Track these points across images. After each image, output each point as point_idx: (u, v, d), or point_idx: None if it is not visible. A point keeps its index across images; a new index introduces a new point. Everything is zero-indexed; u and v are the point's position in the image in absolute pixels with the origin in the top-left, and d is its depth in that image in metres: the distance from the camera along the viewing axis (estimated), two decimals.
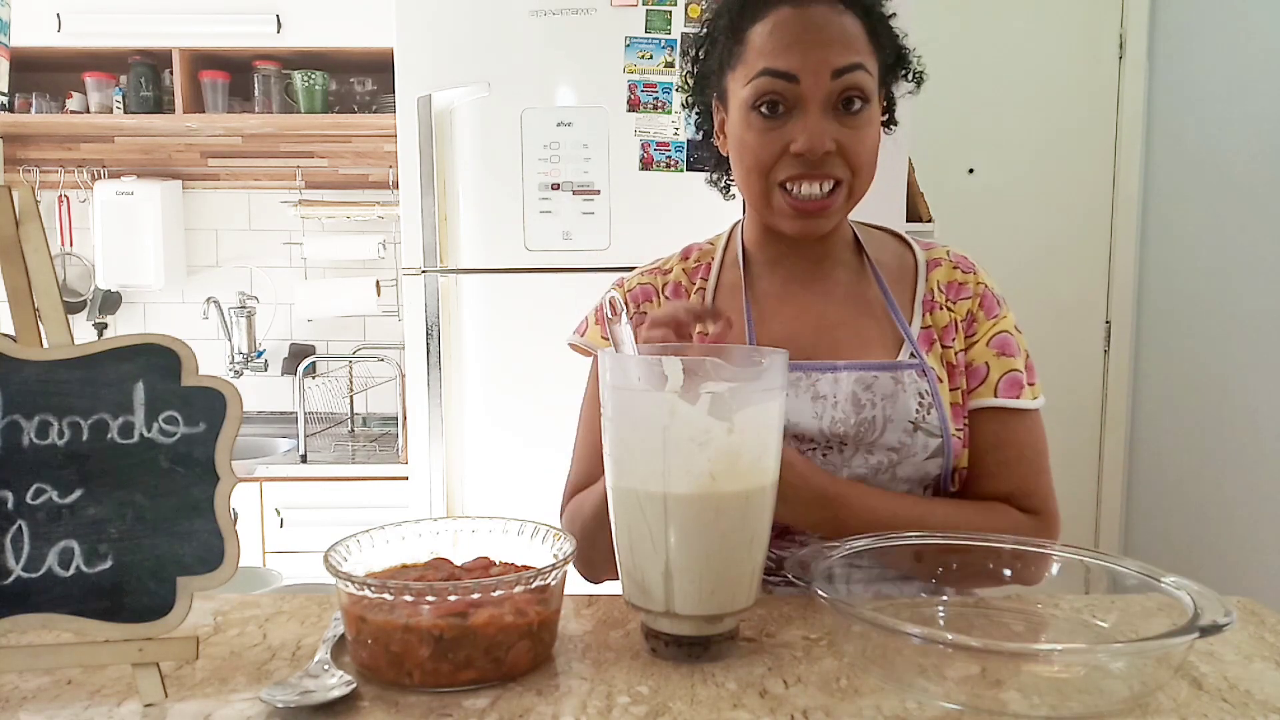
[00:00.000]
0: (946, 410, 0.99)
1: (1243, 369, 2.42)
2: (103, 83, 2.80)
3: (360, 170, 3.05)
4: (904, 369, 0.99)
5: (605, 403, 0.77)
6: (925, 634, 0.66)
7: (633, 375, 0.76)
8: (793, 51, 0.93)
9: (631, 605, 0.77)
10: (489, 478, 2.26)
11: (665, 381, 0.72)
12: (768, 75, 0.93)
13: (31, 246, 0.67)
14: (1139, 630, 0.75)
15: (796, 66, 0.93)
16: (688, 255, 1.13)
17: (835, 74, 0.93)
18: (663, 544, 0.73)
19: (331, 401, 3.06)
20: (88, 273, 3.05)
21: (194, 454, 0.68)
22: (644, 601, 0.75)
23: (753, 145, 0.96)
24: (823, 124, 0.93)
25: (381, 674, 0.69)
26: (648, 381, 0.74)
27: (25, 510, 0.66)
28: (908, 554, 0.92)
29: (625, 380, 0.76)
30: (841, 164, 0.95)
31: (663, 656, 0.75)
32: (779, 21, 0.94)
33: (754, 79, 0.94)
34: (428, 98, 2.18)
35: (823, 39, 0.93)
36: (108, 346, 0.68)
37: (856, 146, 0.95)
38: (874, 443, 0.97)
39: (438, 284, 2.22)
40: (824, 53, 0.93)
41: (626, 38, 2.19)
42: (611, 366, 0.76)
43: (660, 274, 1.12)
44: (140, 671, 0.67)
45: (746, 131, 0.96)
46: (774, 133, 0.95)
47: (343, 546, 0.76)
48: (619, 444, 0.76)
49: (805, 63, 0.93)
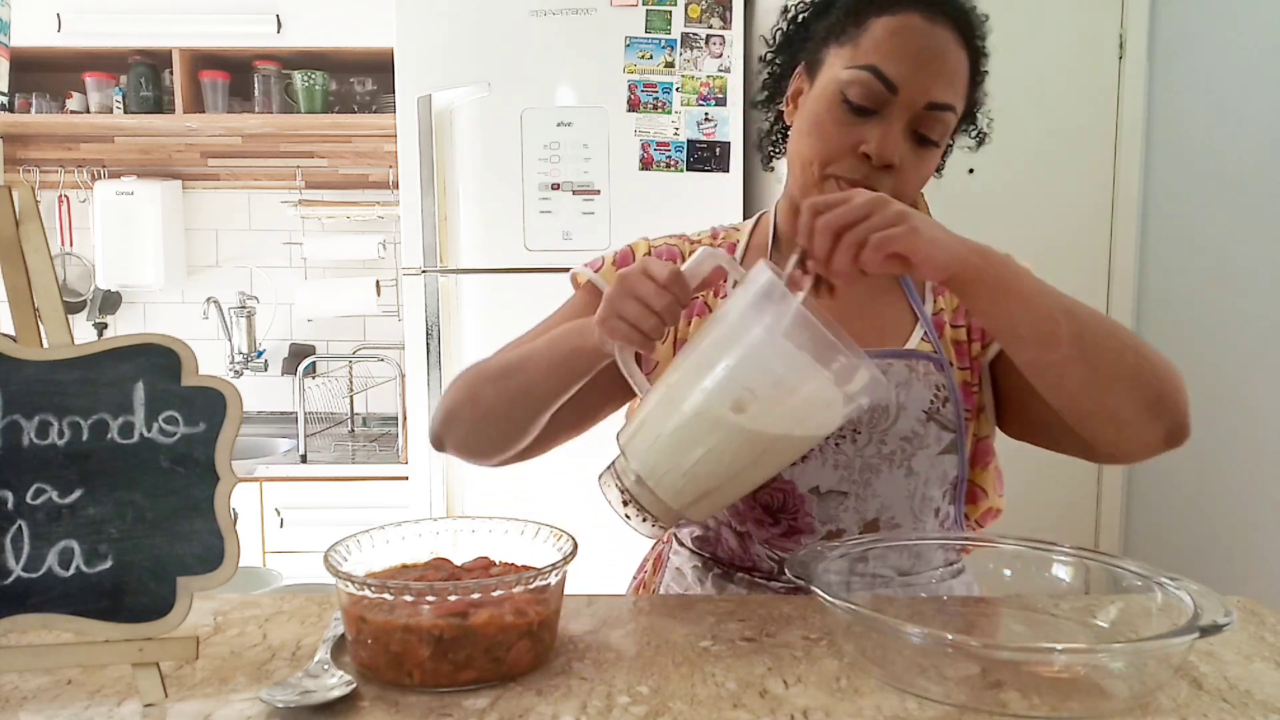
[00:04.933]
0: (960, 402, 0.99)
1: (1243, 369, 2.42)
2: (103, 83, 2.80)
3: (360, 170, 3.05)
4: (919, 359, 0.99)
5: (739, 327, 0.79)
6: (925, 634, 0.66)
7: (802, 338, 0.77)
8: (906, 64, 0.91)
9: (634, 480, 0.82)
10: (489, 478, 2.26)
11: (831, 367, 0.77)
12: (872, 73, 0.91)
13: (31, 246, 0.67)
14: (1139, 630, 0.75)
15: (903, 80, 0.90)
16: (715, 235, 1.12)
17: (930, 105, 0.91)
18: (719, 467, 0.80)
19: (331, 401, 3.06)
20: (88, 273, 3.05)
21: (194, 454, 0.68)
22: (654, 480, 0.81)
23: (828, 132, 0.94)
24: (899, 139, 0.92)
25: (381, 674, 0.69)
26: (813, 354, 0.77)
27: (25, 510, 0.66)
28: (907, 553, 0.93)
29: (792, 340, 0.77)
30: (891, 185, 0.93)
31: (609, 499, 0.84)
32: (906, 26, 0.92)
33: (858, 69, 0.92)
34: (428, 98, 2.18)
35: (936, 67, 0.91)
36: (108, 346, 0.68)
37: (911, 174, 0.94)
38: (887, 430, 0.97)
39: (438, 284, 2.22)
40: (932, 80, 0.91)
41: (626, 38, 2.19)
42: (788, 321, 0.77)
43: (687, 241, 1.10)
44: (140, 671, 0.67)
45: (826, 114, 0.94)
46: (851, 128, 0.93)
47: (343, 546, 0.76)
48: (739, 376, 0.78)
49: (912, 80, 0.90)
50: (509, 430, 0.99)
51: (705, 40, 2.20)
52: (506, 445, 1.01)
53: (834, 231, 0.79)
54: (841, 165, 0.94)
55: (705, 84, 2.21)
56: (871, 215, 0.79)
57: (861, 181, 0.93)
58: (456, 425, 1.01)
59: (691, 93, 2.21)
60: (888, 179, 0.93)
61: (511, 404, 0.97)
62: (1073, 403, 0.86)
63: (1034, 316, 0.82)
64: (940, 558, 0.97)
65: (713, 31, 2.21)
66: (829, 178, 0.95)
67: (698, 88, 2.21)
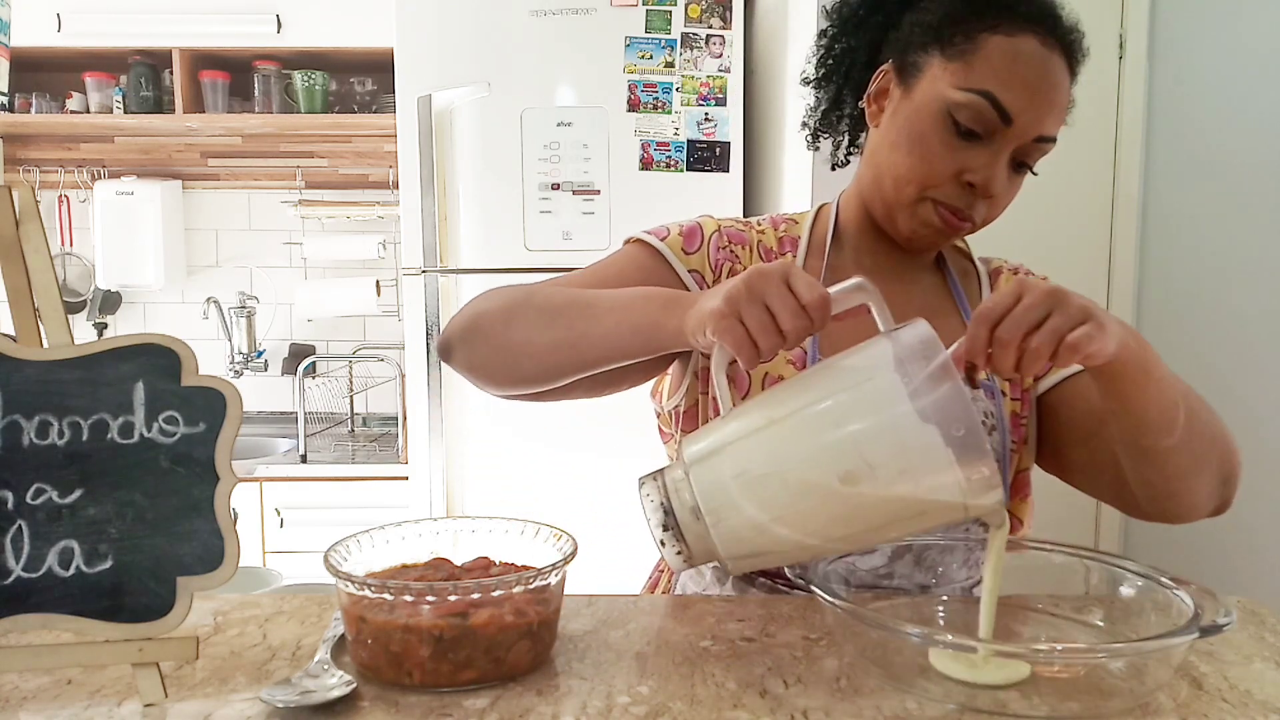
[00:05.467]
0: (1008, 432, 0.96)
1: (1243, 369, 2.42)
2: (103, 83, 2.80)
3: (360, 170, 3.05)
4: None
5: (882, 390, 0.68)
6: (925, 634, 0.66)
7: (952, 431, 0.65)
8: (1023, 95, 0.87)
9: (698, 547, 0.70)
10: (489, 478, 2.26)
11: (970, 476, 0.66)
12: (989, 100, 0.87)
13: (31, 246, 0.67)
14: (1139, 630, 0.75)
15: (1019, 111, 0.87)
16: (776, 225, 1.07)
17: (1038, 138, 0.89)
18: (793, 532, 0.69)
19: (331, 401, 3.06)
20: (88, 273, 3.05)
21: (194, 454, 0.68)
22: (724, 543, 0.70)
23: (932, 154, 0.90)
24: (1005, 170, 0.90)
25: (381, 674, 0.69)
26: (958, 454, 0.65)
27: (25, 510, 0.66)
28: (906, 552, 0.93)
29: (939, 428, 0.65)
30: (985, 211, 0.92)
31: (647, 515, 0.71)
32: (1023, 52, 0.87)
33: (973, 92, 0.87)
34: (428, 98, 2.18)
35: (1051, 98, 0.88)
36: (108, 346, 0.68)
37: (1004, 200, 0.92)
38: None
39: (438, 284, 2.22)
40: (1044, 114, 0.88)
41: (626, 38, 2.19)
42: (944, 406, 0.65)
43: (753, 229, 1.05)
44: (140, 671, 0.67)
45: (932, 134, 0.90)
46: (956, 153, 0.89)
47: (343, 546, 0.76)
48: (865, 446, 0.67)
49: (1027, 113, 0.87)
50: (539, 370, 0.89)
51: (705, 40, 2.21)
52: (526, 383, 0.92)
53: (1016, 343, 0.69)
54: (942, 190, 0.91)
55: (705, 84, 2.21)
56: (1052, 315, 0.69)
57: (962, 209, 0.91)
58: (478, 343, 0.91)
59: (691, 93, 2.21)
60: (984, 205, 0.91)
61: (556, 347, 0.87)
62: (1164, 482, 0.85)
63: (1163, 403, 0.80)
64: (961, 574, 0.97)
65: (713, 31, 2.21)
66: (925, 200, 0.92)
67: (698, 88, 2.21)
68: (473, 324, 0.92)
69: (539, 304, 0.89)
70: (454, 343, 0.93)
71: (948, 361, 0.67)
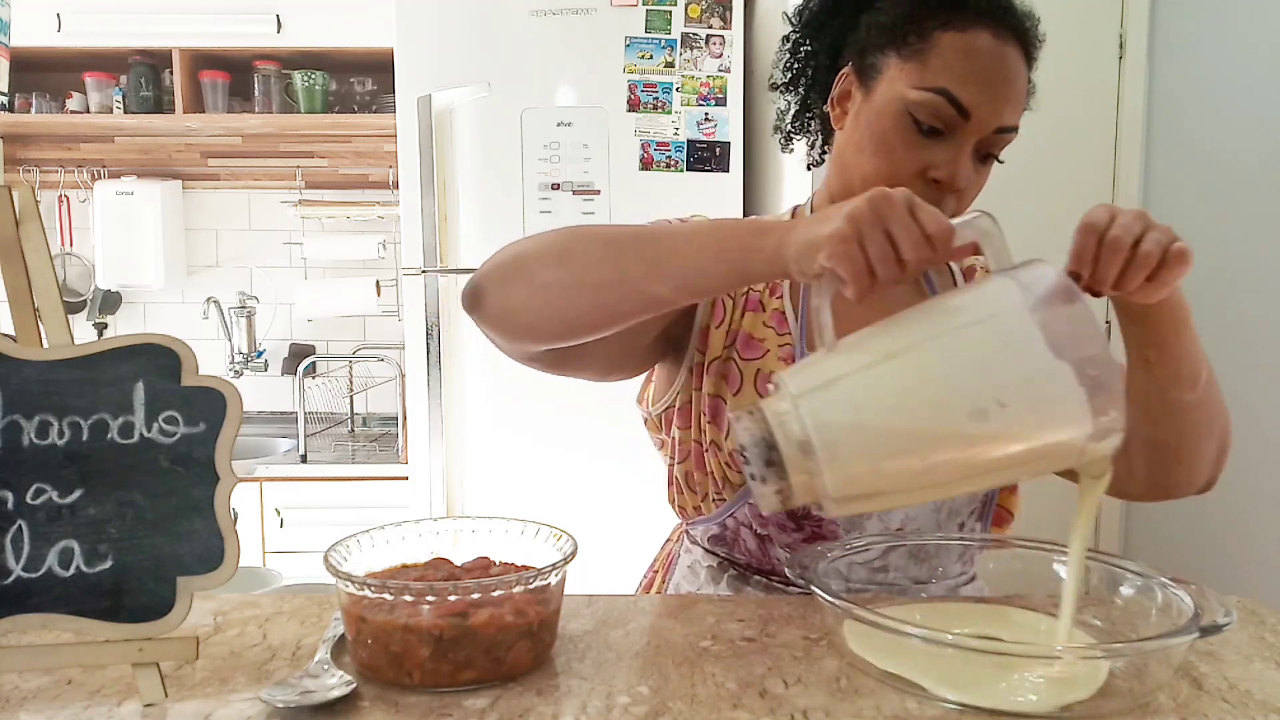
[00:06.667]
0: None
1: (1243, 369, 2.41)
2: (103, 83, 2.80)
3: (360, 170, 3.05)
4: None
5: (1014, 327, 0.65)
6: (925, 634, 0.66)
7: (1086, 370, 0.63)
8: (979, 89, 0.88)
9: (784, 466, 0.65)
10: (489, 478, 2.26)
11: (1098, 418, 0.64)
12: (945, 97, 0.87)
13: (31, 246, 0.67)
14: (1139, 630, 0.75)
15: (976, 106, 0.87)
16: None
17: (999, 129, 0.89)
18: (913, 471, 0.65)
19: (331, 401, 3.06)
20: (88, 273, 3.05)
21: (194, 454, 0.68)
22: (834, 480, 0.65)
23: (894, 153, 0.90)
24: (969, 162, 0.90)
25: (381, 674, 0.69)
26: (1089, 397, 0.64)
27: (25, 510, 0.66)
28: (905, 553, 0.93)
29: (1074, 368, 0.63)
30: (954, 205, 0.92)
31: (745, 448, 0.65)
32: (976, 48, 0.88)
33: (928, 90, 0.88)
34: (428, 98, 2.18)
35: (1007, 90, 0.89)
36: (108, 346, 0.68)
37: (972, 192, 0.93)
38: None
39: (438, 284, 2.22)
40: (1002, 105, 0.89)
41: (626, 38, 2.19)
42: (1081, 343, 0.63)
43: None
44: (140, 671, 0.67)
45: (893, 134, 0.90)
46: (918, 150, 0.90)
47: (343, 546, 0.76)
48: (998, 383, 0.64)
49: (985, 106, 0.88)
50: (590, 310, 0.82)
51: (705, 40, 2.21)
52: (564, 332, 0.85)
53: (1125, 250, 0.69)
54: (909, 189, 0.92)
55: (705, 84, 2.21)
56: (1150, 229, 0.71)
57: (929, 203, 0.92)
58: (518, 284, 0.84)
59: (691, 93, 2.21)
60: (952, 199, 0.91)
61: (621, 280, 0.80)
62: (1178, 442, 0.87)
63: (1195, 354, 0.81)
64: (956, 569, 0.97)
65: (713, 31, 2.21)
66: None
67: (698, 88, 2.21)
68: (515, 264, 0.86)
69: (605, 236, 0.83)
70: (486, 286, 0.87)
71: (1083, 301, 0.65)
